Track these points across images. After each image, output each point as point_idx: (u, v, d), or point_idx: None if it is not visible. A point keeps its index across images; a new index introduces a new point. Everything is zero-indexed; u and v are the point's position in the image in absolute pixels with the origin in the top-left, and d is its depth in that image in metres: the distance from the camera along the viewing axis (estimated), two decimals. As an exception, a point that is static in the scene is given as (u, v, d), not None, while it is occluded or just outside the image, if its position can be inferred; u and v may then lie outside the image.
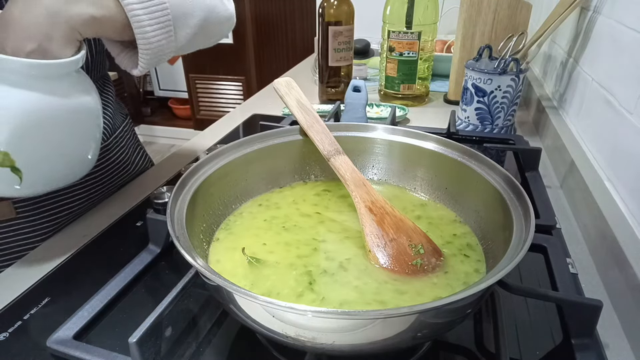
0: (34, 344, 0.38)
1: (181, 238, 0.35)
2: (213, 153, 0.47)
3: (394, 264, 0.41)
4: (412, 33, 0.93)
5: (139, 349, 0.33)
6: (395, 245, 0.42)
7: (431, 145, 0.51)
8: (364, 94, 0.77)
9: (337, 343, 0.30)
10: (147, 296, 0.44)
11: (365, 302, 0.37)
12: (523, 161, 0.69)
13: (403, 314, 0.28)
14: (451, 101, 1.03)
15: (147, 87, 3.34)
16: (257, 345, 0.39)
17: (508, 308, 0.41)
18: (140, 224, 0.55)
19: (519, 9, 0.91)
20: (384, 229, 0.43)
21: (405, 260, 0.41)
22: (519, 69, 0.77)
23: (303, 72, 1.33)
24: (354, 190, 0.46)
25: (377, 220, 0.44)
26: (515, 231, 0.36)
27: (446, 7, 1.36)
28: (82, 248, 0.51)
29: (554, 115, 0.80)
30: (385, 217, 0.44)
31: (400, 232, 0.43)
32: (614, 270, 0.46)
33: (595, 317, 0.38)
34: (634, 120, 0.51)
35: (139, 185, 0.67)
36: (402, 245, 0.42)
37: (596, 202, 0.53)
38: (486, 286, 0.29)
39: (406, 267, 0.40)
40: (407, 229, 0.44)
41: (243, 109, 1.01)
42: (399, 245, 0.42)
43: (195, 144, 0.83)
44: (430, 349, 0.38)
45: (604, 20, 0.67)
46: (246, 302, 0.30)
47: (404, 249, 0.42)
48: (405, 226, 0.44)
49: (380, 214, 0.44)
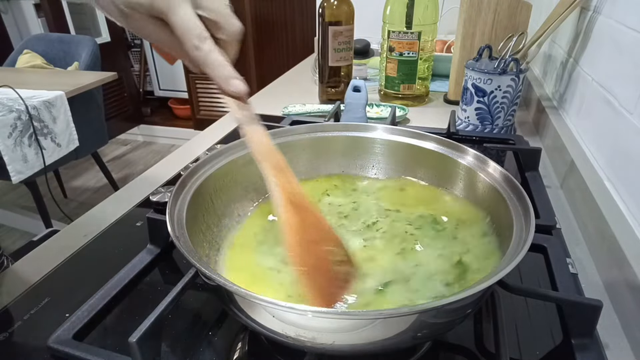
0: (34, 344, 0.38)
1: (181, 238, 0.35)
2: (213, 153, 0.47)
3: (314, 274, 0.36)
4: (412, 33, 0.93)
5: (139, 349, 0.33)
6: (315, 250, 0.37)
7: (431, 145, 0.51)
8: (364, 94, 0.77)
9: (337, 343, 0.30)
10: (147, 296, 0.44)
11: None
12: (523, 161, 0.69)
13: (403, 314, 0.28)
14: (451, 101, 1.03)
15: (147, 87, 3.34)
16: (257, 345, 0.39)
17: (508, 308, 0.41)
18: (140, 224, 0.55)
19: (519, 9, 0.91)
20: (305, 229, 0.37)
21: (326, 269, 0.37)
22: (519, 69, 0.77)
23: (303, 72, 1.33)
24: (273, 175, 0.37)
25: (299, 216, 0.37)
26: (515, 231, 0.36)
27: (446, 7, 1.36)
28: (82, 248, 0.51)
29: (554, 115, 0.80)
30: (307, 214, 0.38)
31: (321, 235, 0.38)
32: (614, 270, 0.46)
33: (595, 317, 0.38)
34: (634, 120, 0.51)
35: (139, 185, 0.67)
36: (323, 251, 0.37)
37: (596, 202, 0.53)
38: (486, 286, 0.29)
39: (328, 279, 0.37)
40: (326, 231, 0.39)
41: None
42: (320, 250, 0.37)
43: (195, 144, 0.83)
44: (430, 349, 0.38)
45: (604, 20, 0.67)
46: (246, 302, 0.30)
47: (324, 256, 0.37)
48: (325, 228, 0.39)
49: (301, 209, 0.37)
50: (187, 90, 2.87)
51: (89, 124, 1.87)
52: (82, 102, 1.75)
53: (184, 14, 0.33)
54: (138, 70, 3.28)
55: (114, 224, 0.56)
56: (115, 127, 2.99)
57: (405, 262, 0.41)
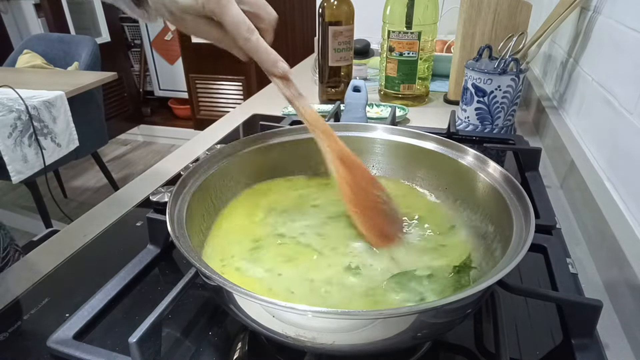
0: (34, 344, 0.38)
1: (181, 238, 0.35)
2: (213, 153, 0.47)
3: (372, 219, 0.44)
4: (412, 33, 0.93)
5: (139, 349, 0.33)
6: (368, 197, 0.45)
7: (431, 145, 0.51)
8: (364, 94, 0.77)
9: (337, 343, 0.30)
10: (147, 296, 0.44)
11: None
12: (523, 161, 0.69)
13: (403, 314, 0.28)
14: (451, 101, 1.03)
15: (147, 87, 3.34)
16: (257, 345, 0.39)
17: (508, 308, 0.41)
18: (140, 224, 0.55)
19: (519, 9, 0.91)
20: (356, 180, 0.44)
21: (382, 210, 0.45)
22: (519, 69, 0.77)
23: (303, 72, 1.33)
24: (324, 140, 0.45)
25: (349, 170, 0.45)
26: (515, 231, 0.36)
27: (446, 7, 1.36)
28: (82, 248, 0.51)
29: (554, 115, 0.80)
30: (355, 168, 0.45)
31: (369, 183, 0.46)
32: (614, 270, 0.46)
33: (595, 317, 0.38)
34: (634, 120, 0.51)
35: (139, 185, 0.67)
36: (374, 196, 0.45)
37: (596, 202, 0.53)
38: (486, 286, 0.29)
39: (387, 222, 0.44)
40: (372, 179, 0.46)
41: (243, 109, 1.01)
42: (372, 195, 0.45)
43: (195, 144, 0.83)
44: (430, 349, 0.38)
45: (604, 20, 0.67)
46: (246, 302, 0.30)
47: (376, 200, 0.45)
48: (371, 176, 0.46)
49: (349, 164, 0.45)
50: (187, 90, 2.88)
51: (89, 124, 1.87)
52: (82, 102, 1.75)
53: (234, 12, 0.37)
54: (138, 70, 3.29)
55: (114, 224, 0.56)
56: (115, 127, 2.99)
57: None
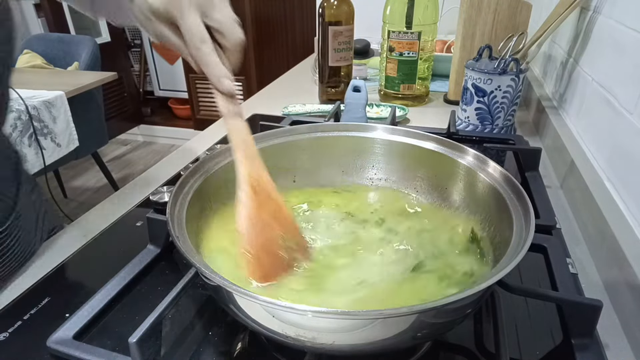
0: (34, 344, 0.38)
1: (181, 238, 0.35)
2: (213, 153, 0.47)
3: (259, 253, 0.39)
4: (412, 33, 0.93)
5: (139, 349, 0.33)
6: (266, 232, 0.40)
7: (431, 145, 0.51)
8: (364, 94, 0.77)
9: (337, 343, 0.30)
10: (147, 296, 0.44)
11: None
12: (523, 161, 0.69)
13: (403, 314, 0.28)
14: (451, 101, 1.03)
15: (147, 87, 3.34)
16: (257, 345, 0.39)
17: (508, 308, 0.41)
18: (140, 224, 0.55)
19: (519, 9, 0.91)
20: (260, 214, 0.40)
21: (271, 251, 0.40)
22: (519, 69, 0.77)
23: (303, 72, 1.33)
24: (242, 162, 0.41)
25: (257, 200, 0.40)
26: (515, 231, 0.36)
27: (446, 7, 1.36)
28: (82, 248, 0.51)
29: (554, 115, 0.80)
30: (268, 201, 0.41)
31: (276, 221, 0.41)
32: (614, 270, 0.46)
33: (595, 317, 0.38)
34: (634, 120, 0.51)
35: (139, 185, 0.67)
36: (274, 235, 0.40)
37: (596, 202, 0.53)
38: (486, 286, 0.29)
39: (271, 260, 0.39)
40: (284, 219, 0.42)
41: (243, 109, 1.00)
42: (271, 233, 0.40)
43: (195, 144, 0.83)
44: (430, 349, 0.38)
45: (604, 20, 0.67)
46: (246, 302, 0.30)
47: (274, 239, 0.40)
48: (283, 216, 0.42)
49: (263, 195, 0.41)
50: (187, 90, 2.87)
51: (89, 124, 1.87)
52: (82, 102, 1.75)
53: (191, 20, 0.39)
54: (138, 70, 3.28)
55: (114, 224, 0.56)
56: (115, 127, 2.99)
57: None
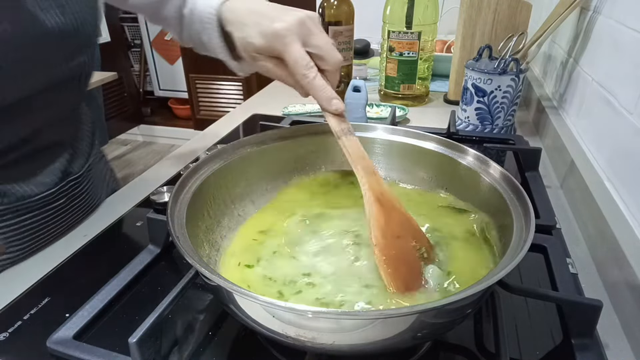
0: (34, 344, 0.38)
1: (181, 238, 0.35)
2: (213, 153, 0.47)
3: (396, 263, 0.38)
4: (412, 33, 0.93)
5: (139, 349, 0.33)
6: (399, 245, 0.39)
7: (431, 145, 0.51)
8: (364, 94, 0.77)
9: (337, 343, 0.30)
10: (147, 296, 0.44)
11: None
12: (523, 161, 0.69)
13: (403, 314, 0.28)
14: (451, 101, 1.03)
15: (147, 87, 3.34)
16: (257, 345, 0.39)
17: (508, 308, 0.41)
18: (140, 224, 0.55)
19: (519, 9, 0.91)
20: (390, 225, 0.40)
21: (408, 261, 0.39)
22: (519, 69, 0.77)
23: (303, 72, 1.32)
24: (364, 177, 0.42)
25: (385, 214, 0.41)
26: (515, 231, 0.36)
27: (446, 7, 1.36)
28: (82, 248, 0.51)
29: (554, 115, 0.80)
30: (393, 212, 0.41)
31: (407, 232, 0.41)
32: (614, 270, 0.46)
33: (595, 317, 0.38)
34: (634, 120, 0.51)
35: (138, 186, 0.67)
36: (407, 245, 0.40)
37: (596, 202, 0.53)
38: (486, 286, 0.29)
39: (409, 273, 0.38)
40: (413, 229, 0.42)
41: (243, 109, 1.01)
42: (404, 244, 0.40)
43: (195, 144, 0.83)
44: (430, 349, 0.38)
45: (604, 20, 0.67)
46: (246, 302, 0.30)
47: (408, 249, 0.40)
48: (412, 226, 0.42)
49: (388, 207, 0.41)
50: (187, 90, 2.87)
51: (89, 124, 1.87)
52: (82, 102, 1.75)
53: (295, 50, 0.43)
54: (138, 70, 3.28)
55: (114, 224, 0.56)
56: (115, 127, 2.99)
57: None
